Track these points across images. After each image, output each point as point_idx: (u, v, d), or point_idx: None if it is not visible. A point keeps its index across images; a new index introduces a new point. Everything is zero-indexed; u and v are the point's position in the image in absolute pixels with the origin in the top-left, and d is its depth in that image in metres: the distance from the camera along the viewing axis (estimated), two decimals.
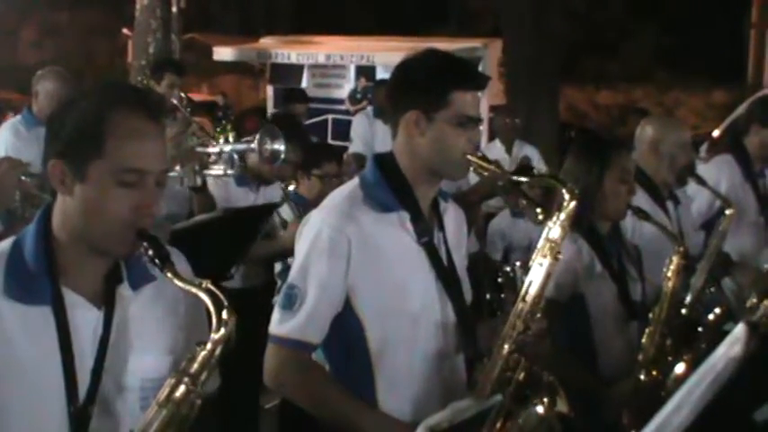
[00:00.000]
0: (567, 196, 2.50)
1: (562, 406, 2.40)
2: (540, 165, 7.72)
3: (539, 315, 2.50)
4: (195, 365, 1.81)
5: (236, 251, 3.69)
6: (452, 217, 2.69)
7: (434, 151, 2.50)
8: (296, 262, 2.53)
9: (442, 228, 2.61)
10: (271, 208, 4.05)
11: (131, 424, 1.87)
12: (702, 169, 4.83)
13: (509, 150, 7.90)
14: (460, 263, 2.65)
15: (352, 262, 2.44)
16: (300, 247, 2.52)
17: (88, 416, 1.90)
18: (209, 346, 1.82)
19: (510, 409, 2.42)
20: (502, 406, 2.34)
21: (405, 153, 2.55)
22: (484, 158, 2.52)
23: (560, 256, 2.51)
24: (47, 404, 1.89)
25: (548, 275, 2.49)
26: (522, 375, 2.49)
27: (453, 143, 2.48)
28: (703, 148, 11.34)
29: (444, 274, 2.55)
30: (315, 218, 2.53)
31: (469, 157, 2.50)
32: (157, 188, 1.93)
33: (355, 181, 2.60)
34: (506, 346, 2.47)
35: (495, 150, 7.96)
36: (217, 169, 4.13)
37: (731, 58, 21.92)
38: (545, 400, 2.39)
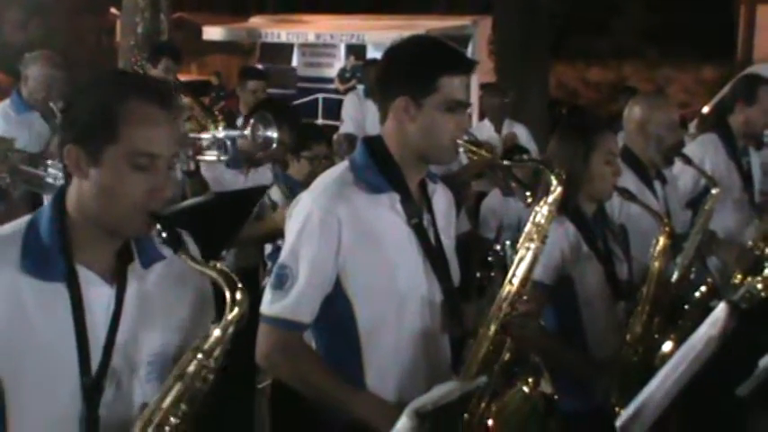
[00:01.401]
0: (554, 181, 2.53)
1: (546, 386, 2.43)
2: (529, 143, 7.74)
3: (525, 297, 2.54)
4: (209, 343, 1.92)
5: (228, 234, 3.70)
6: (441, 198, 2.71)
7: (424, 137, 2.52)
8: (287, 243, 2.56)
9: (430, 209, 2.64)
10: (261, 190, 4.07)
11: (140, 396, 2.00)
12: (687, 148, 4.86)
13: (498, 130, 7.92)
14: (449, 244, 2.68)
15: (343, 243, 2.47)
16: (291, 228, 2.55)
17: (100, 388, 1.99)
18: (222, 323, 1.92)
19: (495, 390, 2.46)
20: (487, 387, 2.38)
21: (394, 138, 2.57)
22: (473, 142, 2.54)
23: (547, 239, 2.55)
24: (60, 376, 1.97)
25: (535, 258, 2.53)
26: (507, 356, 2.53)
27: (442, 128, 2.51)
28: (693, 124, 11.36)
29: (432, 255, 2.58)
30: (305, 199, 2.55)
31: (459, 141, 2.53)
32: (168, 171, 2.01)
33: (345, 163, 2.63)
34: (492, 327, 2.51)
35: (485, 129, 7.97)
36: (210, 155, 4.15)
37: (721, 35, 21.90)
38: (529, 380, 2.43)
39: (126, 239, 2.06)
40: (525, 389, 2.43)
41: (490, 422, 2.43)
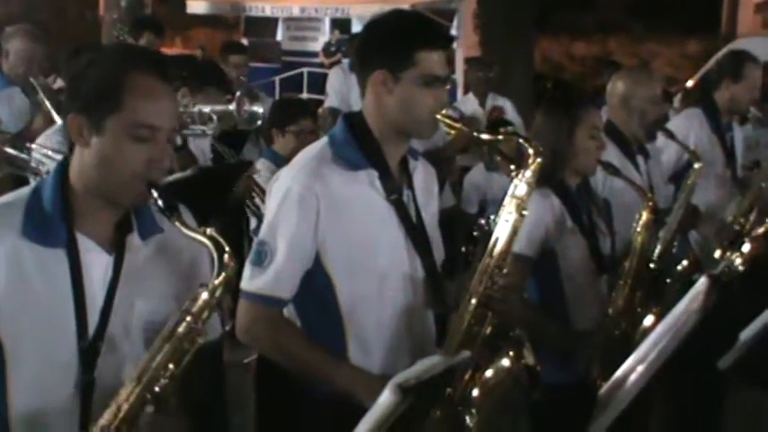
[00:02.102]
0: (531, 153, 2.53)
1: (529, 358, 2.45)
2: (514, 117, 7.74)
3: (505, 270, 2.55)
4: (197, 305, 1.98)
5: (212, 207, 3.71)
6: (422, 175, 2.72)
7: (402, 111, 2.53)
8: (266, 219, 2.57)
9: (411, 186, 2.64)
10: (246, 165, 4.07)
11: (135, 361, 2.04)
12: (671, 122, 4.88)
13: (483, 104, 7.91)
14: (430, 220, 2.69)
15: (321, 219, 2.48)
16: (270, 205, 2.57)
17: (96, 352, 2.06)
18: (210, 287, 1.99)
19: (478, 363, 2.48)
20: (470, 360, 2.39)
21: (373, 112, 2.57)
22: (452, 117, 2.55)
23: (525, 212, 2.55)
24: (58, 339, 2.04)
25: (514, 231, 2.54)
26: (489, 329, 2.55)
27: (420, 102, 2.51)
28: (677, 98, 11.37)
29: (413, 230, 2.59)
30: (284, 175, 2.56)
31: (437, 116, 2.53)
32: (167, 144, 2.08)
33: (324, 139, 2.64)
34: (473, 301, 2.52)
35: (470, 103, 7.97)
36: (195, 129, 4.13)
37: (705, 9, 21.90)
38: (512, 352, 2.45)
39: (126, 211, 2.12)
40: (508, 361, 2.44)
41: (474, 393, 2.45)
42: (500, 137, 2.72)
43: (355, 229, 2.52)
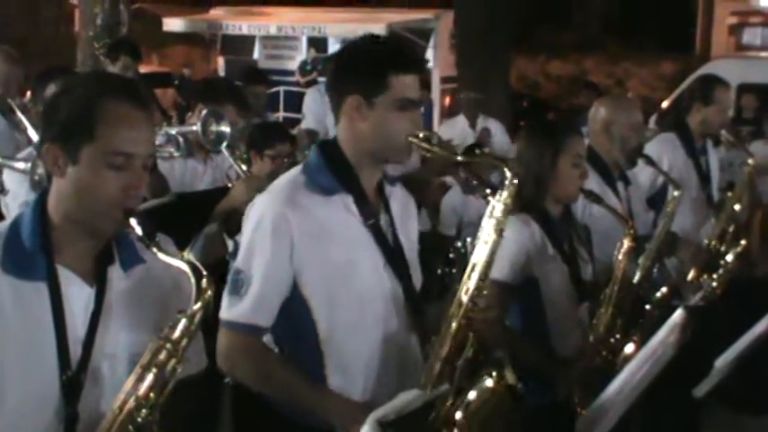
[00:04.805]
0: (508, 175, 2.52)
1: (510, 378, 2.44)
2: (503, 137, 7.76)
3: (485, 292, 2.53)
4: (177, 333, 1.97)
5: (189, 233, 3.68)
6: (399, 200, 2.71)
7: (377, 136, 2.52)
8: (241, 247, 2.57)
9: (388, 210, 2.64)
10: (222, 191, 4.03)
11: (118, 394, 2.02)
12: (647, 146, 4.91)
13: (474, 125, 7.93)
14: (408, 245, 2.67)
15: (296, 246, 2.47)
16: (245, 233, 2.56)
17: (80, 385, 2.04)
18: (188, 312, 1.98)
19: (460, 386, 2.46)
20: (449, 392, 2.37)
21: (347, 138, 2.57)
22: (426, 140, 2.54)
23: (504, 233, 2.52)
24: (41, 373, 2.02)
25: (492, 252, 2.51)
26: (470, 353, 2.53)
27: (395, 127, 2.51)
28: (652, 119, 11.47)
29: (391, 255, 2.58)
30: (259, 203, 2.56)
31: (411, 139, 2.52)
32: (143, 171, 2.07)
33: (299, 167, 2.63)
34: (454, 324, 2.50)
35: (459, 125, 7.99)
36: (163, 151, 4.10)
37: (679, 29, 22.14)
38: (494, 373, 2.44)
39: (107, 242, 2.11)
40: (491, 381, 2.43)
41: (458, 415, 2.43)
42: (476, 159, 2.72)
43: (332, 255, 2.50)
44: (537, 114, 14.89)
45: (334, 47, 16.04)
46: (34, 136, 4.72)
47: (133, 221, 2.01)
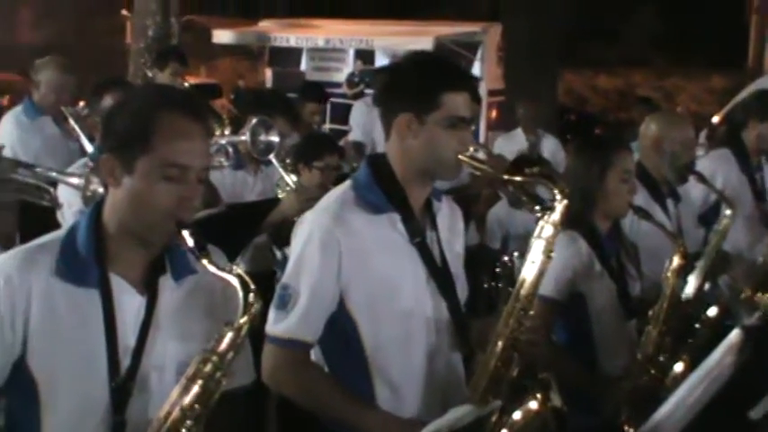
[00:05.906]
0: (558, 195, 2.52)
1: (556, 400, 2.42)
2: (558, 153, 7.69)
3: (532, 312, 2.52)
4: (223, 345, 1.99)
5: (239, 244, 3.72)
6: (446, 215, 2.71)
7: (427, 153, 2.52)
8: (290, 263, 2.58)
9: (434, 227, 2.64)
10: (273, 202, 4.06)
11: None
12: (699, 163, 4.85)
13: (531, 140, 7.88)
14: (455, 261, 2.68)
15: (344, 262, 2.48)
16: (294, 248, 2.57)
17: (128, 392, 2.07)
18: (235, 325, 1.99)
19: (504, 406, 2.45)
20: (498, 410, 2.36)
21: (397, 155, 2.57)
22: (476, 158, 2.54)
23: (553, 255, 2.52)
24: (91, 379, 2.06)
25: (540, 273, 2.51)
26: (516, 371, 2.52)
27: (445, 145, 2.51)
28: (702, 134, 11.31)
29: (437, 272, 2.58)
30: (308, 219, 2.57)
31: (461, 157, 2.52)
32: (198, 183, 2.09)
33: (348, 183, 2.64)
34: (500, 344, 2.50)
35: (517, 139, 7.94)
36: (214, 161, 4.14)
37: (731, 44, 21.88)
38: (539, 395, 2.42)
39: (160, 252, 2.14)
40: (535, 403, 2.41)
41: None
42: (523, 177, 2.70)
43: (378, 272, 2.51)
44: (584, 129, 14.80)
45: (381, 59, 16.04)
46: (87, 145, 4.81)
47: (185, 233, 2.03)
